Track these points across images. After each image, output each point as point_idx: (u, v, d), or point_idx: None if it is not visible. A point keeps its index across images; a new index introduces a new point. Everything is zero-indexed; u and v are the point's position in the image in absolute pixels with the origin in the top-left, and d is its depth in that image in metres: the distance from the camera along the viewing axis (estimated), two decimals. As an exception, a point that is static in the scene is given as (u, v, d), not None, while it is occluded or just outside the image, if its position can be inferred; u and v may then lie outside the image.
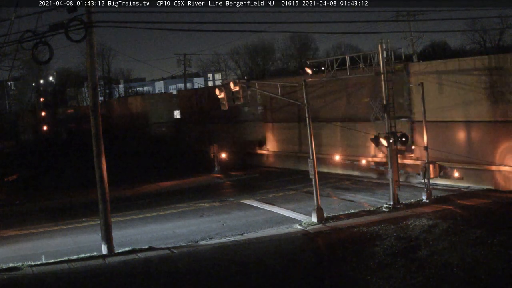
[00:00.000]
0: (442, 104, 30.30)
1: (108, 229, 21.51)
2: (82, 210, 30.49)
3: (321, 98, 37.22)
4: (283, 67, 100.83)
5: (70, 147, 65.76)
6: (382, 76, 26.50)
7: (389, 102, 26.56)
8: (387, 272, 17.49)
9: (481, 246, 19.07)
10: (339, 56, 29.72)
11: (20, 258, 20.89)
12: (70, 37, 19.62)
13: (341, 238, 21.93)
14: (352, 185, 33.36)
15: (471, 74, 29.02)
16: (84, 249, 21.87)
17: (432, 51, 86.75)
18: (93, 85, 21.77)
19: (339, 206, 27.72)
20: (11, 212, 32.10)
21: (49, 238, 25.19)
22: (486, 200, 26.11)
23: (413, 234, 21.29)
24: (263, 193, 32.75)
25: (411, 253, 19.10)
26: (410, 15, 56.61)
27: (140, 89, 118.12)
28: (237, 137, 47.55)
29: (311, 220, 24.50)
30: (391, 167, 26.44)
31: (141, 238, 23.86)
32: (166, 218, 27.89)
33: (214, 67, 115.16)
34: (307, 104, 25.04)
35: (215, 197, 32.53)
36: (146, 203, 31.84)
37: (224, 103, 26.90)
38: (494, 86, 27.98)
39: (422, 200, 26.70)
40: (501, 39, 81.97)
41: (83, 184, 37.18)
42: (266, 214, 27.36)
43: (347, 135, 36.23)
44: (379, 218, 24.25)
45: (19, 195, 37.78)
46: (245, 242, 22.19)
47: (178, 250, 21.45)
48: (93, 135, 21.57)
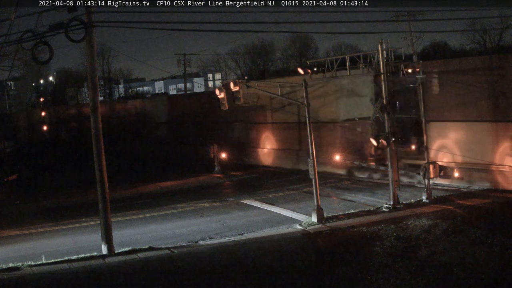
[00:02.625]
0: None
1: (108, 229, 21.50)
2: (82, 210, 30.47)
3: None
4: (283, 67, 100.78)
5: (70, 147, 65.75)
6: (382, 76, 26.50)
7: (389, 102, 26.54)
8: (387, 272, 17.49)
9: (481, 246, 19.08)
10: (339, 56, 29.72)
11: (20, 258, 20.88)
12: (70, 37, 19.61)
13: (341, 238, 21.93)
14: (352, 185, 33.35)
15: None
16: (84, 249, 21.87)
17: (432, 51, 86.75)
18: (93, 85, 21.77)
19: (339, 206, 27.72)
20: (11, 212, 32.07)
21: (49, 238, 25.18)
22: (486, 200, 26.13)
23: (413, 234, 21.29)
24: (263, 193, 32.75)
25: (411, 253, 19.10)
26: (410, 15, 56.59)
27: (140, 89, 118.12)
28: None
29: (311, 220, 24.51)
30: (391, 167, 26.44)
31: (141, 238, 23.86)
32: (166, 218, 27.88)
33: (214, 67, 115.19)
34: (307, 104, 25.04)
35: (215, 197, 32.52)
36: (146, 203, 31.83)
37: (224, 103, 26.88)
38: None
39: (422, 200, 26.71)
40: (501, 39, 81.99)
41: (83, 184, 37.16)
42: (266, 214, 27.36)
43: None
44: (379, 218, 24.26)
45: (19, 195, 37.76)
46: (245, 242, 22.19)
47: (178, 250, 21.45)
48: (93, 135, 21.56)
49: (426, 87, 29.23)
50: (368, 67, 27.31)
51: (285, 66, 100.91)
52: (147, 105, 67.06)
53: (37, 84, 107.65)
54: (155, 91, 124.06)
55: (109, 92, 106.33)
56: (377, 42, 26.45)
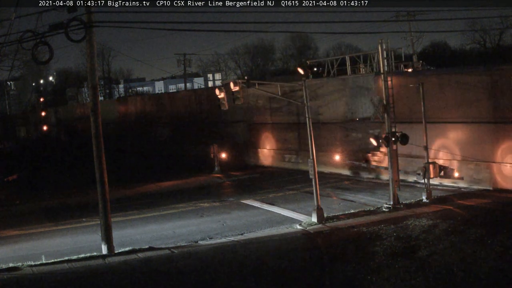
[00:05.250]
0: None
1: (108, 229, 21.50)
2: (82, 210, 30.48)
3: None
4: (283, 67, 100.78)
5: (70, 147, 65.73)
6: (382, 76, 26.51)
7: (389, 102, 26.54)
8: (387, 272, 17.49)
9: (481, 246, 19.07)
10: (339, 56, 29.79)
11: (20, 258, 20.89)
12: (70, 37, 19.63)
13: (341, 238, 21.92)
14: (352, 185, 33.35)
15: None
16: (84, 249, 21.87)
17: (432, 51, 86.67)
18: (93, 85, 21.77)
19: (339, 206, 27.71)
20: (11, 212, 32.09)
21: (49, 238, 25.19)
22: (486, 200, 26.12)
23: (413, 234, 21.29)
24: (263, 193, 32.75)
25: (411, 253, 19.10)
26: (410, 15, 56.57)
27: (140, 89, 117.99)
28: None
29: (311, 220, 24.50)
30: (391, 167, 26.43)
31: (141, 238, 23.87)
32: (166, 218, 27.88)
33: (214, 67, 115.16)
34: (307, 104, 25.04)
35: (215, 197, 32.53)
36: (146, 203, 31.83)
37: (224, 103, 26.90)
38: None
39: (422, 200, 26.71)
40: (501, 39, 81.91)
41: (83, 184, 37.16)
42: (266, 214, 27.36)
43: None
44: (379, 218, 24.25)
45: (19, 195, 37.77)
46: (245, 242, 22.19)
47: (178, 250, 21.45)
48: (93, 135, 21.56)
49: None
50: (369, 67, 27.32)
51: (285, 66, 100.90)
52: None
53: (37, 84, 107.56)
54: (155, 91, 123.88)
55: (109, 92, 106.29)
56: (377, 42, 26.53)
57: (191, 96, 58.14)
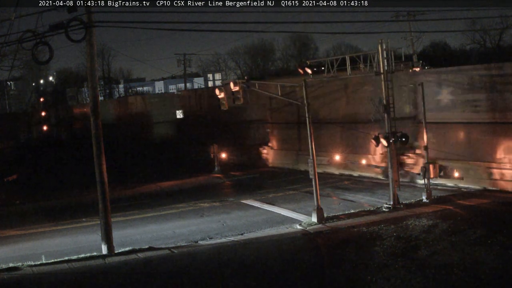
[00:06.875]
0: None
1: (108, 229, 21.50)
2: (82, 210, 30.46)
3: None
4: (283, 67, 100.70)
5: (70, 147, 65.72)
6: (382, 76, 26.48)
7: (389, 102, 26.53)
8: (387, 272, 17.49)
9: (481, 246, 19.08)
10: (339, 56, 29.69)
11: (20, 258, 20.87)
12: (70, 37, 19.60)
13: (341, 238, 21.92)
14: (352, 185, 33.35)
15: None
16: (84, 249, 21.86)
17: (432, 51, 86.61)
18: (93, 85, 21.76)
19: (339, 206, 27.71)
20: (11, 212, 32.07)
21: (49, 238, 25.17)
22: (486, 200, 26.12)
23: (413, 234, 21.29)
24: (263, 193, 32.75)
25: (411, 253, 19.10)
26: (410, 15, 56.50)
27: (140, 89, 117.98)
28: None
29: (311, 220, 24.50)
30: (391, 167, 26.42)
31: (141, 238, 23.87)
32: (166, 218, 27.88)
33: (214, 67, 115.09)
34: (307, 104, 25.03)
35: (215, 197, 32.52)
36: (146, 203, 31.83)
37: (224, 103, 26.89)
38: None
39: (422, 200, 26.71)
40: (501, 39, 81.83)
41: (83, 184, 37.14)
42: (266, 214, 27.36)
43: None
44: (379, 218, 24.26)
45: (19, 195, 37.76)
46: (245, 242, 22.19)
47: (178, 250, 21.45)
48: (93, 135, 21.55)
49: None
50: (369, 67, 27.29)
51: (285, 66, 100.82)
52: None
53: (37, 84, 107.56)
54: (155, 91, 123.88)
55: (109, 92, 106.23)
56: (377, 42, 26.49)
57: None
